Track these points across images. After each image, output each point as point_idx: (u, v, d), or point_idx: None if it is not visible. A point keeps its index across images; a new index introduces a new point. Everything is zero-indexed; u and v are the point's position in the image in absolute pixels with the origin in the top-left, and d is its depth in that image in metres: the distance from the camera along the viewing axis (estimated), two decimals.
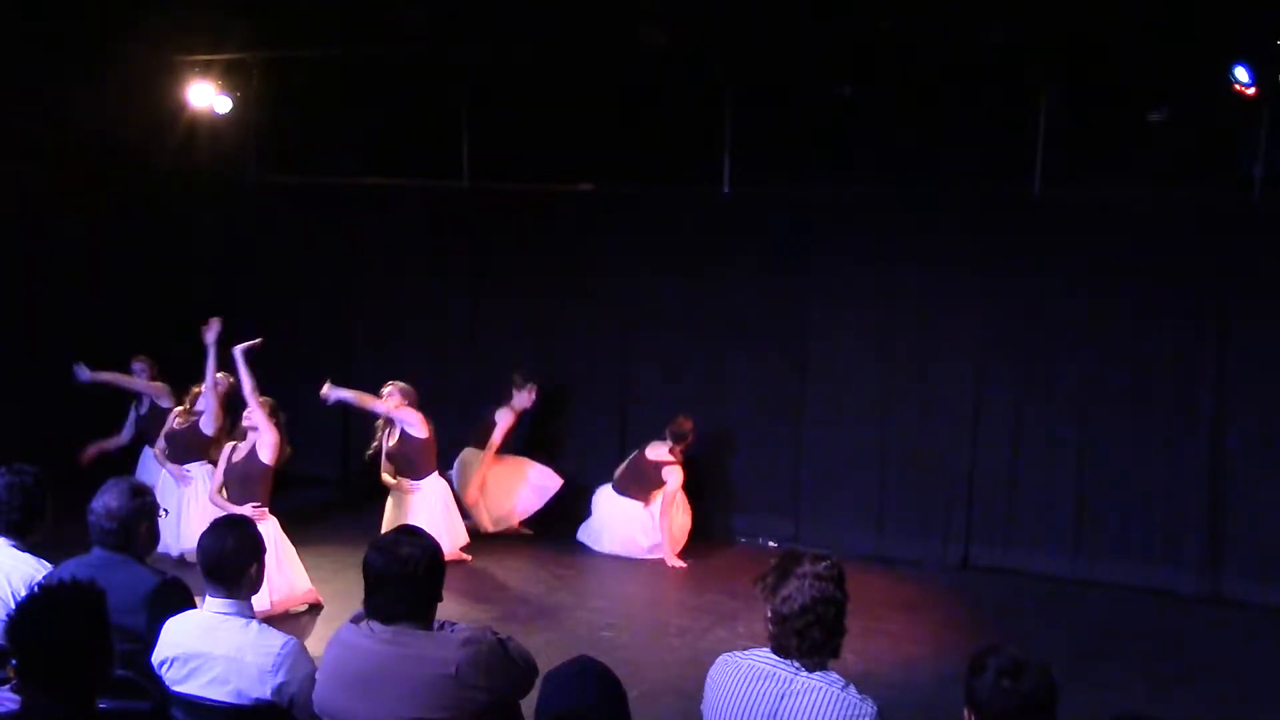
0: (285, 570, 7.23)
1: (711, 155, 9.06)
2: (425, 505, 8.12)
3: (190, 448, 8.18)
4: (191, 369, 8.40)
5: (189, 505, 7.99)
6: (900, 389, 8.89)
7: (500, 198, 9.93)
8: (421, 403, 8.35)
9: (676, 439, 8.71)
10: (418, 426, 8.17)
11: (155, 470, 8.31)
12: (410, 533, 3.69)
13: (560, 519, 9.24)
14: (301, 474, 9.34)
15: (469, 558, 8.51)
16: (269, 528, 7.07)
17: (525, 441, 9.61)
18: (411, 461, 8.22)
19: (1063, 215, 8.43)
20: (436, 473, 8.36)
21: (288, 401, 7.64)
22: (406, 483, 8.20)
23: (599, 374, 9.81)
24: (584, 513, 9.16)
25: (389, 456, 8.29)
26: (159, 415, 8.59)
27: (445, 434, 8.67)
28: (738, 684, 3.34)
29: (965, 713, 3.02)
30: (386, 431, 8.34)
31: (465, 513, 8.81)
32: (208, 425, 8.09)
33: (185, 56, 9.73)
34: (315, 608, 7.42)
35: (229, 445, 7.53)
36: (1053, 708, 2.95)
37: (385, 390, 8.27)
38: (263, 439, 7.28)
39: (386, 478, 8.27)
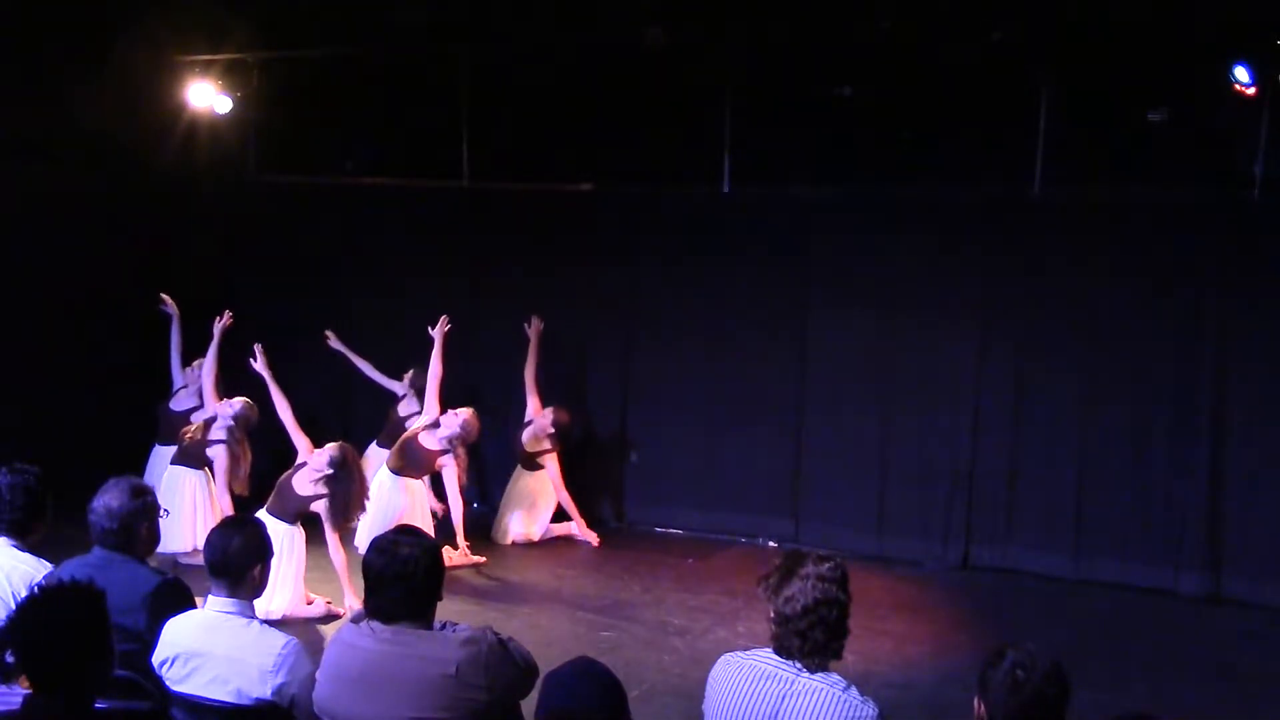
0: (296, 582, 7.15)
1: (711, 155, 9.05)
2: (407, 503, 8.08)
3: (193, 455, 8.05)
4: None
5: (183, 508, 7.86)
6: (900, 388, 8.88)
7: (500, 198, 9.93)
8: None
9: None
10: (438, 442, 8.14)
11: (158, 471, 8.25)
12: (409, 533, 3.70)
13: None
14: None
15: (483, 559, 8.50)
16: (296, 539, 7.12)
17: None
18: (407, 455, 8.21)
19: (1063, 215, 8.43)
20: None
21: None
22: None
23: (599, 373, 9.80)
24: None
25: (394, 439, 8.21)
26: (181, 417, 8.50)
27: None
28: (739, 684, 3.34)
29: (975, 702, 3.05)
30: (411, 418, 8.28)
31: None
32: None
33: (185, 56, 9.72)
34: (332, 617, 7.30)
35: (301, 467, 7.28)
36: (1061, 708, 2.96)
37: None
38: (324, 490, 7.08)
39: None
